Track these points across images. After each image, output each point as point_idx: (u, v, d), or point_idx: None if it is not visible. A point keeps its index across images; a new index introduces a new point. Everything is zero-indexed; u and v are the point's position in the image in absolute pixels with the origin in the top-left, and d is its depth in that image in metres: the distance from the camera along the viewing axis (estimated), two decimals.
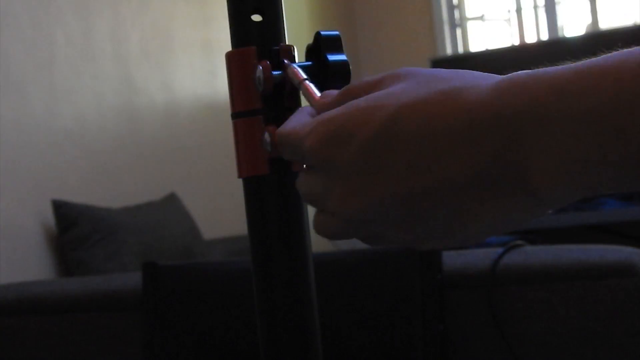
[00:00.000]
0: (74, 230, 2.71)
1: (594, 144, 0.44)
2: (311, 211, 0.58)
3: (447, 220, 0.49)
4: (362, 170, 0.49)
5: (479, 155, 0.47)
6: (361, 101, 0.50)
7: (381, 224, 0.50)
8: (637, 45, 0.47)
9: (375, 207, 0.49)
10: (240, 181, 0.65)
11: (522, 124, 0.46)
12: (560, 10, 4.96)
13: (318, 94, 0.58)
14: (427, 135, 0.47)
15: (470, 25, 5.24)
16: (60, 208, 2.72)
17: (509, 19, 5.19)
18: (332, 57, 0.62)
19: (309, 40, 0.64)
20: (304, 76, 0.60)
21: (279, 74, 0.62)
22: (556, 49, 3.80)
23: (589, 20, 4.95)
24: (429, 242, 0.52)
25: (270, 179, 0.63)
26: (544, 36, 4.79)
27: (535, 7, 5.05)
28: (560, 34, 4.90)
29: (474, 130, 0.47)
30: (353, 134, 0.49)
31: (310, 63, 0.63)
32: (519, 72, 0.49)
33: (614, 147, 0.44)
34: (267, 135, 0.61)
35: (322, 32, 0.63)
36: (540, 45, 3.94)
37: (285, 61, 0.63)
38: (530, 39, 4.04)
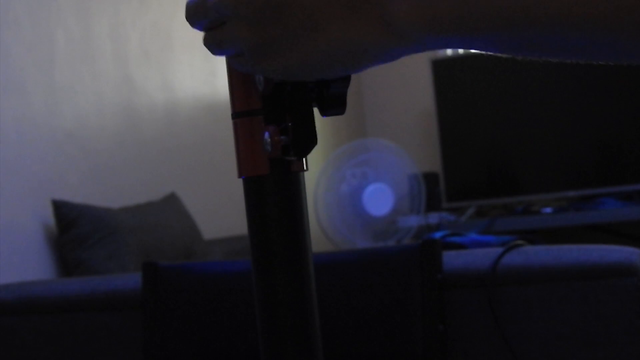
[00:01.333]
0: (73, 230, 2.71)
1: None
2: (311, 208, 0.58)
3: (298, 29, 0.54)
4: None
5: None
6: None
7: (245, 20, 0.55)
8: None
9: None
10: (240, 181, 0.65)
11: None
12: None
13: None
14: None
15: None
16: (60, 208, 2.72)
17: None
18: None
19: None
20: None
21: None
22: None
23: None
24: (273, 56, 0.56)
25: (270, 179, 0.63)
26: None
27: None
28: None
29: None
30: None
31: None
32: None
33: None
34: (267, 135, 0.61)
35: None
36: None
37: None
38: None
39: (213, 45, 0.60)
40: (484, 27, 0.50)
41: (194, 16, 0.60)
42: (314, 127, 0.63)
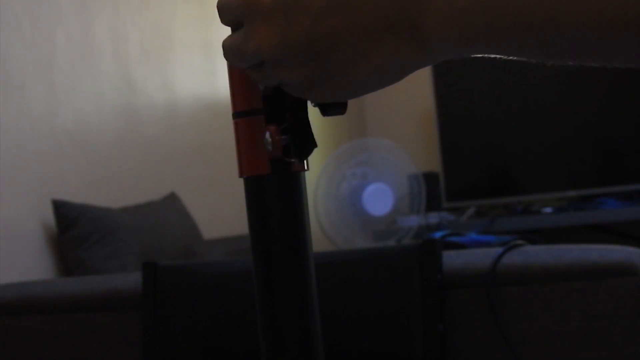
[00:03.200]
0: (74, 230, 2.70)
1: None
2: (311, 208, 0.59)
3: (344, 59, 0.56)
4: (284, 10, 0.56)
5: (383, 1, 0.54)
6: None
7: (290, 64, 0.57)
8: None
9: (291, 44, 0.56)
10: (240, 181, 0.65)
11: None
12: None
13: None
14: None
15: None
16: (60, 208, 2.72)
17: None
18: None
19: None
20: None
21: None
22: None
23: None
24: (322, 86, 0.58)
25: (271, 179, 0.63)
26: None
27: None
28: None
29: None
30: None
31: None
32: None
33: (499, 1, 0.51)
34: (268, 135, 0.61)
35: None
36: None
37: None
38: None
39: (258, 80, 0.62)
40: (511, 36, 0.52)
41: (232, 59, 0.62)
42: (311, 130, 0.63)
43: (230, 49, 0.61)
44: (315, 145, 0.63)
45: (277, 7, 0.57)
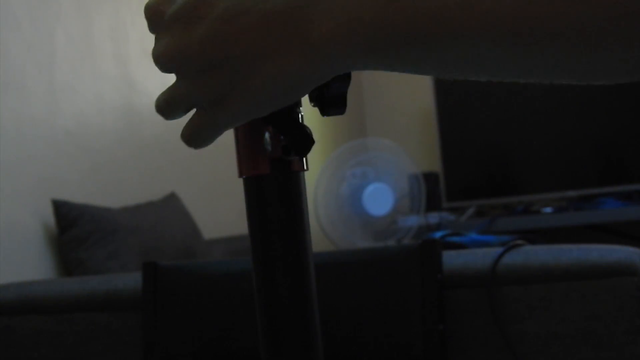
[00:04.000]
0: (74, 230, 2.71)
1: (371, 5, 0.50)
2: (311, 208, 0.58)
3: (235, 70, 0.55)
4: (183, 19, 0.56)
5: (273, 3, 0.53)
6: None
7: (188, 74, 0.57)
8: None
9: (186, 53, 0.56)
10: (240, 181, 0.65)
11: None
12: None
13: None
14: None
15: None
16: (60, 208, 2.72)
17: None
18: None
19: None
20: None
21: None
22: None
23: None
24: (222, 102, 0.57)
25: (270, 179, 0.63)
26: None
27: None
28: None
29: None
30: None
31: None
32: None
33: (386, 11, 0.49)
34: (267, 135, 0.61)
35: None
36: None
37: None
38: None
39: (166, 108, 0.61)
40: (407, 42, 0.49)
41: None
42: (305, 127, 0.62)
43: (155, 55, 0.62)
44: (313, 142, 0.62)
45: (177, 16, 0.56)
